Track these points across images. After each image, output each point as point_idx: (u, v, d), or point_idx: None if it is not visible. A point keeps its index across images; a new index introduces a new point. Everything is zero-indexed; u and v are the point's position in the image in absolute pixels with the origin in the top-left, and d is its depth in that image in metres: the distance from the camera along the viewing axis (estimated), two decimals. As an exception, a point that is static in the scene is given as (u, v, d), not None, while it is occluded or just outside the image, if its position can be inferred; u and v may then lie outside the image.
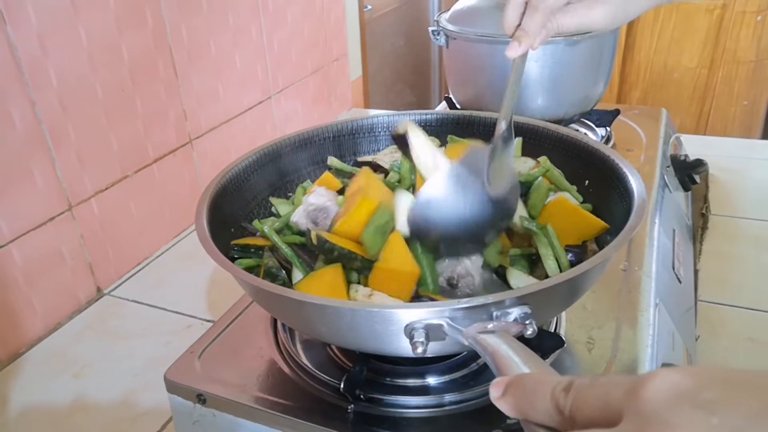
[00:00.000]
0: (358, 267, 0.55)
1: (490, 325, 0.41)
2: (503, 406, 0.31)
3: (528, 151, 0.71)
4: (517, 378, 0.32)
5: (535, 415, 0.30)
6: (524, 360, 0.36)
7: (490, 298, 0.43)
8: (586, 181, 0.67)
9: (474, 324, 0.41)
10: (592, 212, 0.63)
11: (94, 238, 0.87)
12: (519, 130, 0.72)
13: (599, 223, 0.61)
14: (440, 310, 0.43)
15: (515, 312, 0.42)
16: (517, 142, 0.70)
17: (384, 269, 0.54)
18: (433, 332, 0.43)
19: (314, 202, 0.62)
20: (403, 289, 0.54)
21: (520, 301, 0.43)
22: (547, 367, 0.36)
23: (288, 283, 0.58)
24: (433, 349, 0.44)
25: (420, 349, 0.42)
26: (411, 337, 0.43)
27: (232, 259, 0.61)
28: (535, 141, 0.71)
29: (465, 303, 0.42)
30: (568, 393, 0.28)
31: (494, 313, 0.43)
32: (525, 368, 0.35)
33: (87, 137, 0.84)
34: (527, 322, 0.42)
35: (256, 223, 0.66)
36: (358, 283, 0.55)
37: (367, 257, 0.55)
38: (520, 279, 0.56)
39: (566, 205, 0.61)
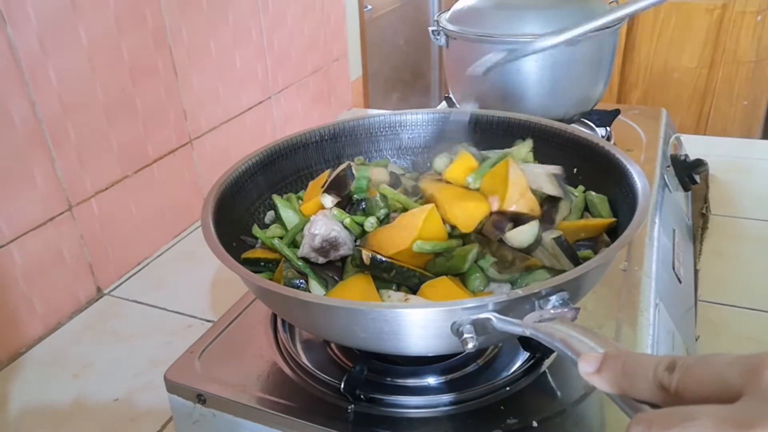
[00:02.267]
0: (415, 284, 0.55)
1: (549, 314, 0.42)
2: (598, 380, 0.32)
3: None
4: (614, 354, 0.33)
5: (634, 392, 0.31)
6: (598, 342, 0.36)
7: (535, 288, 0.43)
8: (582, 176, 0.67)
9: (530, 314, 0.42)
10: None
11: (94, 238, 0.87)
12: (522, 127, 0.72)
13: (604, 222, 0.61)
14: (485, 305, 0.43)
15: (553, 299, 0.43)
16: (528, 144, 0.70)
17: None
18: (479, 327, 0.44)
19: (319, 233, 0.58)
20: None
21: (557, 288, 0.44)
22: (626, 347, 0.37)
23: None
24: (481, 342, 0.44)
25: (471, 345, 0.43)
26: (460, 334, 0.43)
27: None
28: (536, 138, 0.71)
29: (513, 295, 0.43)
30: (674, 371, 0.29)
31: (536, 303, 0.44)
32: (602, 349, 0.36)
33: (87, 137, 0.84)
34: (570, 306, 0.43)
35: (259, 233, 0.64)
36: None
37: (425, 274, 0.55)
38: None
39: (570, 226, 0.61)
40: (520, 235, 0.57)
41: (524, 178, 0.60)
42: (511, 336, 0.43)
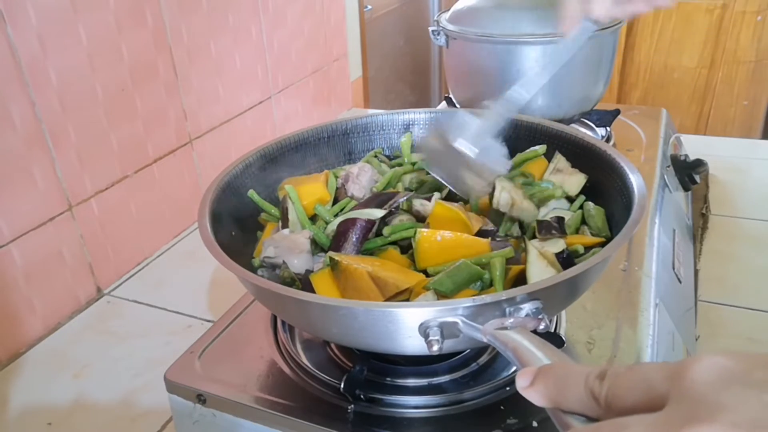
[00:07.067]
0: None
1: (508, 322, 0.41)
2: (532, 395, 0.32)
3: (527, 148, 0.71)
4: (546, 367, 0.32)
5: (566, 404, 0.30)
6: (546, 354, 0.36)
7: (503, 295, 0.43)
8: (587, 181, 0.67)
9: (491, 321, 0.42)
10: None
11: (94, 238, 0.87)
12: (518, 127, 0.72)
13: (594, 241, 0.60)
14: (454, 308, 0.43)
15: (527, 307, 0.43)
16: (542, 149, 0.70)
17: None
18: (447, 330, 0.43)
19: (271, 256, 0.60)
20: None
21: (532, 296, 0.43)
22: (571, 360, 0.36)
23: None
24: (448, 346, 0.44)
25: (436, 347, 0.43)
26: (426, 336, 0.43)
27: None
28: (534, 139, 0.71)
29: (479, 300, 0.43)
30: (603, 380, 0.28)
31: (507, 309, 0.43)
32: (548, 361, 0.35)
33: (87, 137, 0.84)
34: (540, 316, 0.42)
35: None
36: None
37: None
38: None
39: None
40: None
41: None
42: (477, 342, 0.43)
